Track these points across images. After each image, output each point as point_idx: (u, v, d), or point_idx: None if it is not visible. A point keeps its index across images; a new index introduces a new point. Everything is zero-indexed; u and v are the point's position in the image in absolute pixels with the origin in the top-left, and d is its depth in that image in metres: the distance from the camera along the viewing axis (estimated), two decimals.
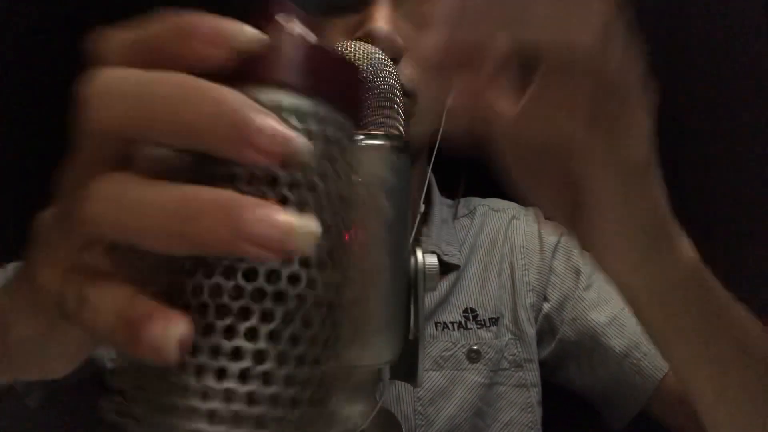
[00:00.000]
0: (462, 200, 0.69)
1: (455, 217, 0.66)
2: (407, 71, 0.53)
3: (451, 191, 0.69)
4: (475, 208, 0.68)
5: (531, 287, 0.62)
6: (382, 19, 0.51)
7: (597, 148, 0.26)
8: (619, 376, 0.58)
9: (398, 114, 0.38)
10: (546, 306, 0.62)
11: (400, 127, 0.38)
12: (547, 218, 0.63)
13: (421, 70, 0.54)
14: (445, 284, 0.61)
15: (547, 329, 0.62)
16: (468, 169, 0.69)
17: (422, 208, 0.60)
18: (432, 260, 0.33)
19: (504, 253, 0.64)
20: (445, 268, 0.61)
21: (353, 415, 0.31)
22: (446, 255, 0.61)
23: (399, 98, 0.38)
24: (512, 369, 0.59)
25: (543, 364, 0.61)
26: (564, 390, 0.63)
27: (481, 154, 0.28)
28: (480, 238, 0.65)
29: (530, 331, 0.60)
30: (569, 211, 0.29)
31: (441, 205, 0.65)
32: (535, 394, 0.60)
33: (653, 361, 0.56)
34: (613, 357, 0.58)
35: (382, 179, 0.34)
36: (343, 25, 0.53)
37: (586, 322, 0.59)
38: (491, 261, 0.63)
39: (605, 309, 0.59)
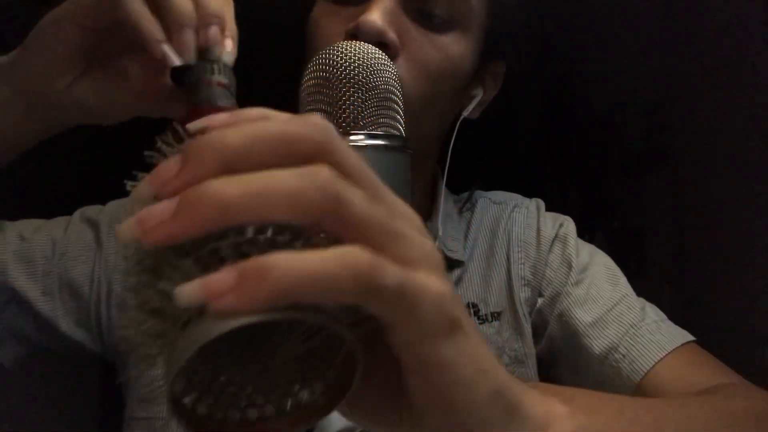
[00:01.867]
0: (465, 194, 0.68)
1: (460, 211, 0.66)
2: (402, 71, 0.50)
3: (460, 188, 0.68)
4: (476, 201, 0.67)
5: (526, 281, 0.61)
6: (377, 13, 0.49)
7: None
8: (600, 378, 0.56)
9: (398, 114, 0.38)
10: (540, 301, 0.60)
11: (400, 127, 0.38)
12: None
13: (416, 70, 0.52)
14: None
15: (540, 325, 0.61)
16: (480, 167, 0.68)
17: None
18: None
19: (502, 245, 0.63)
20: (450, 264, 0.60)
21: None
22: (450, 251, 0.60)
23: (399, 98, 0.38)
24: (513, 365, 0.58)
25: (538, 361, 0.60)
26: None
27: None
28: (481, 231, 0.64)
29: (527, 326, 0.60)
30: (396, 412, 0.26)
31: (446, 198, 0.63)
32: None
33: (631, 363, 0.54)
34: (594, 359, 0.56)
35: (381, 179, 0.34)
36: (345, 15, 0.52)
37: (570, 319, 0.58)
38: (493, 255, 0.62)
39: (592, 308, 0.57)
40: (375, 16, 0.48)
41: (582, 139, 1.55)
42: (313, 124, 0.22)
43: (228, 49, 0.37)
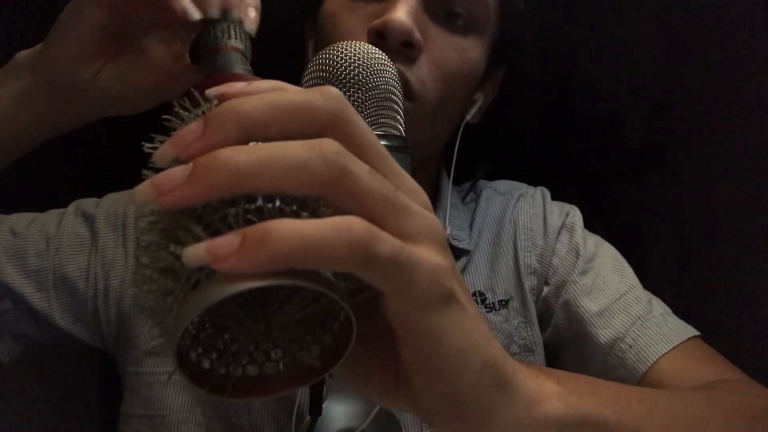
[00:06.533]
0: (468, 184, 0.68)
1: (463, 201, 0.66)
2: (422, 72, 0.50)
3: (461, 181, 0.68)
4: (480, 191, 0.67)
5: (532, 270, 0.60)
6: (403, 11, 0.48)
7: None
8: (604, 367, 0.56)
9: (398, 114, 0.38)
10: (546, 289, 0.60)
11: (400, 127, 0.38)
12: None
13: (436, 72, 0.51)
14: None
15: (545, 313, 0.60)
16: (481, 166, 0.68)
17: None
18: None
19: (509, 234, 0.63)
20: (456, 253, 0.60)
21: None
22: (456, 240, 0.60)
23: (399, 98, 0.38)
24: (522, 354, 0.58)
25: (544, 349, 0.60)
26: None
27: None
28: (486, 221, 0.64)
29: (535, 314, 0.59)
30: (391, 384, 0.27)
31: (450, 189, 0.63)
32: None
33: (637, 353, 0.54)
34: (599, 348, 0.56)
35: None
36: (365, 10, 0.51)
37: (576, 308, 0.57)
38: (500, 243, 0.62)
39: (598, 298, 0.57)
40: (402, 15, 0.47)
41: (582, 139, 1.55)
42: (328, 95, 0.23)
43: (251, 15, 0.37)
